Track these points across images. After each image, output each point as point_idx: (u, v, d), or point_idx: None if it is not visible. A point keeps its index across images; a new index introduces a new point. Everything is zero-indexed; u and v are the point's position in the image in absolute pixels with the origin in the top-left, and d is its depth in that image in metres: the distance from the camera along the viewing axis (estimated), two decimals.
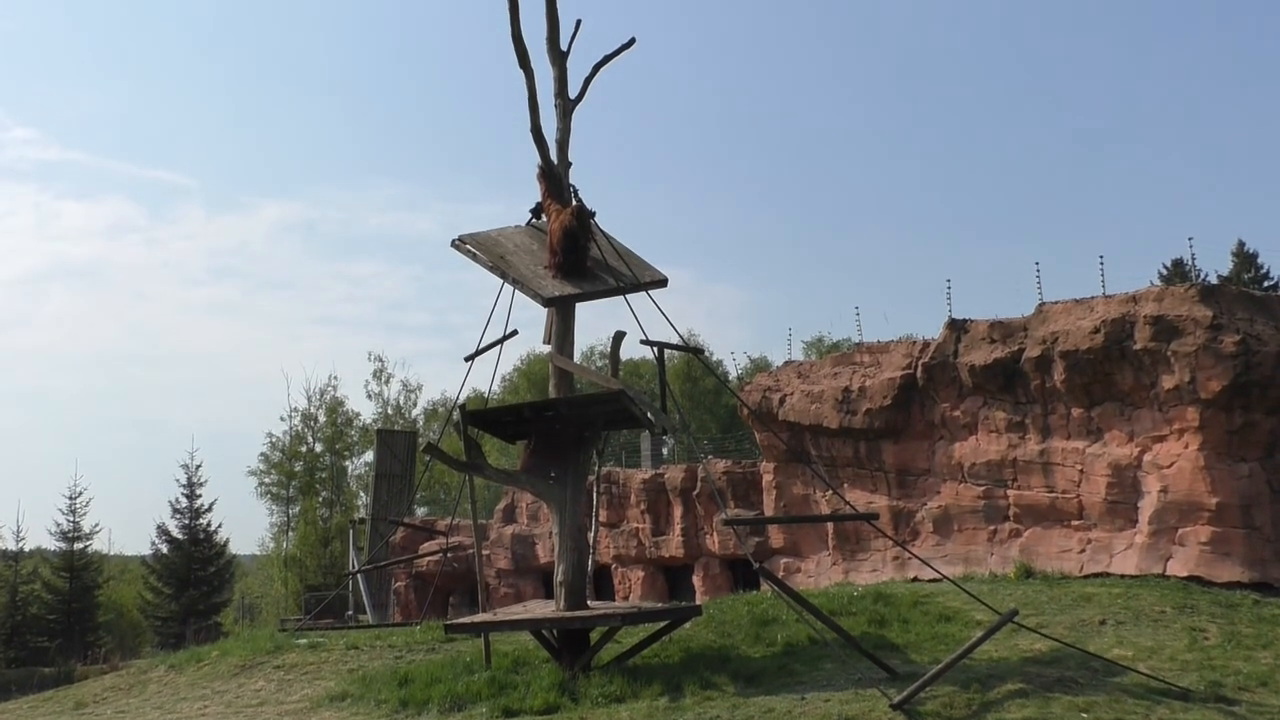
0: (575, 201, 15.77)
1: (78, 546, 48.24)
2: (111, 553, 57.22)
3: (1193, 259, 28.48)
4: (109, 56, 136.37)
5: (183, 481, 49.16)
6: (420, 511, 54.42)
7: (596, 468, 18.09)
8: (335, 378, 76.86)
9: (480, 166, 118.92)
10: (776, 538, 26.21)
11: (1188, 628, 15.18)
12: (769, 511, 25.81)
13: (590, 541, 17.32)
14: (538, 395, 46.87)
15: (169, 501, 49.19)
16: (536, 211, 16.25)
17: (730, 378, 48.19)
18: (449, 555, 32.20)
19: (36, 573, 48.92)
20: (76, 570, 47.47)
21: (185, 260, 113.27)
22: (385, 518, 38.04)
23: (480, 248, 15.79)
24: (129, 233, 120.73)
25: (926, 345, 22.70)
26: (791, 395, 24.95)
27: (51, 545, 49.59)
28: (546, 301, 15.22)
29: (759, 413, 25.43)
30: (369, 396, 63.25)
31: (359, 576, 37.17)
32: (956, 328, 22.10)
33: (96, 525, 51.74)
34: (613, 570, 32.19)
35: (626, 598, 30.78)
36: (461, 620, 15.96)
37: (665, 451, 35.33)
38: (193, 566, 47.93)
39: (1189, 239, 49.23)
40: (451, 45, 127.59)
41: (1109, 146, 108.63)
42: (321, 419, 60.63)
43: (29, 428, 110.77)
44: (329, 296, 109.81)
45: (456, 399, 16.10)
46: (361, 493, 57.97)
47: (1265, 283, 41.44)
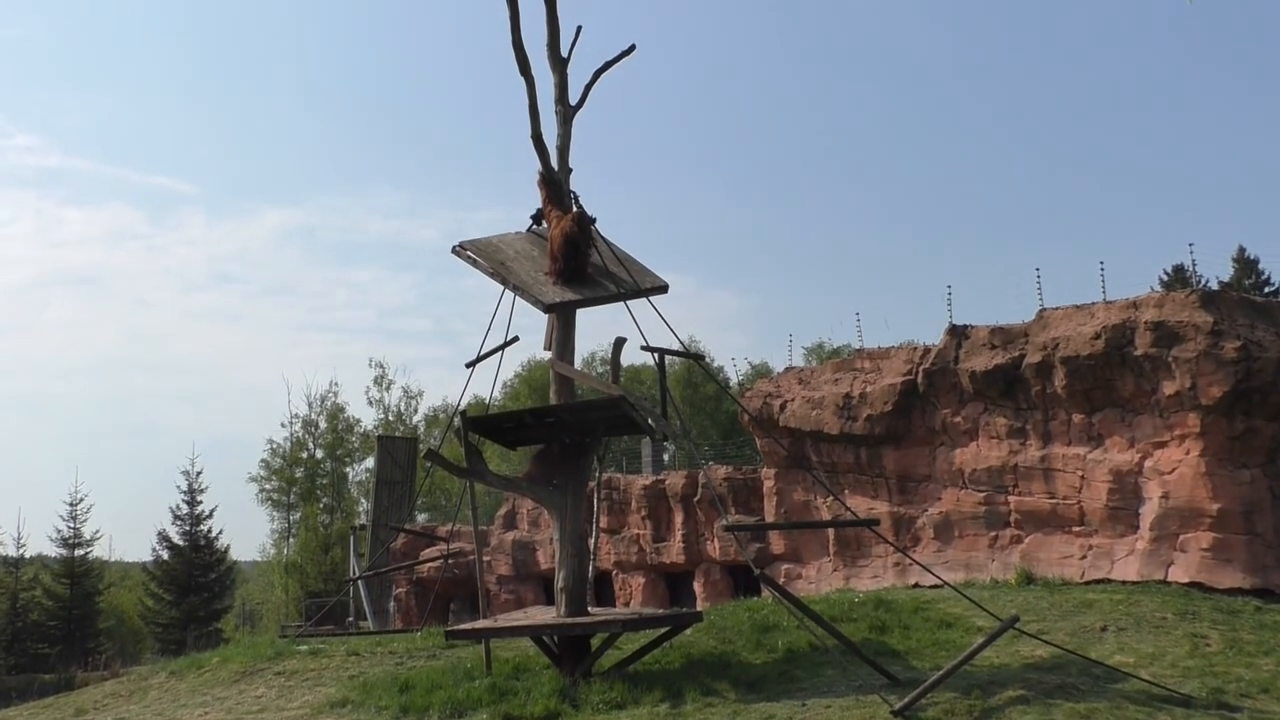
0: (576, 208, 15.80)
1: (78, 553, 48.20)
2: (112, 559, 57.20)
3: (1193, 265, 28.41)
4: (110, 63, 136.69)
5: (183, 488, 49.16)
6: (421, 518, 54.41)
7: (597, 474, 18.08)
8: (336, 384, 76.75)
9: (481, 173, 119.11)
10: (777, 544, 26.21)
11: (1189, 634, 15.17)
12: (770, 518, 25.81)
13: (591, 547, 17.33)
14: (539, 401, 46.85)
15: (170, 508, 49.19)
16: (537, 218, 16.28)
17: (731, 384, 48.19)
18: (450, 561, 32.17)
19: (37, 579, 48.90)
20: (77, 577, 47.44)
21: (186, 266, 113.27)
22: (386, 524, 38.01)
23: (481, 254, 15.81)
24: (130, 239, 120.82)
25: (927, 351, 22.71)
26: (792, 401, 24.97)
27: (52, 552, 49.64)
28: (547, 308, 15.23)
29: (760, 419, 25.44)
30: (370, 403, 63.31)
31: (360, 583, 37.17)
32: (957, 334, 22.12)
33: (97, 531, 51.75)
34: (614, 576, 32.19)
35: (627, 604, 30.78)
36: (462, 626, 15.95)
37: (666, 458, 35.34)
38: (193, 573, 47.90)
39: (1189, 245, 49.28)
40: (452, 52, 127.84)
41: (1110, 152, 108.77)
42: (322, 425, 60.69)
43: (30, 434, 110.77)
44: (330, 303, 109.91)
45: (457, 405, 16.12)
46: (362, 499, 57.97)
47: (1266, 289, 41.42)
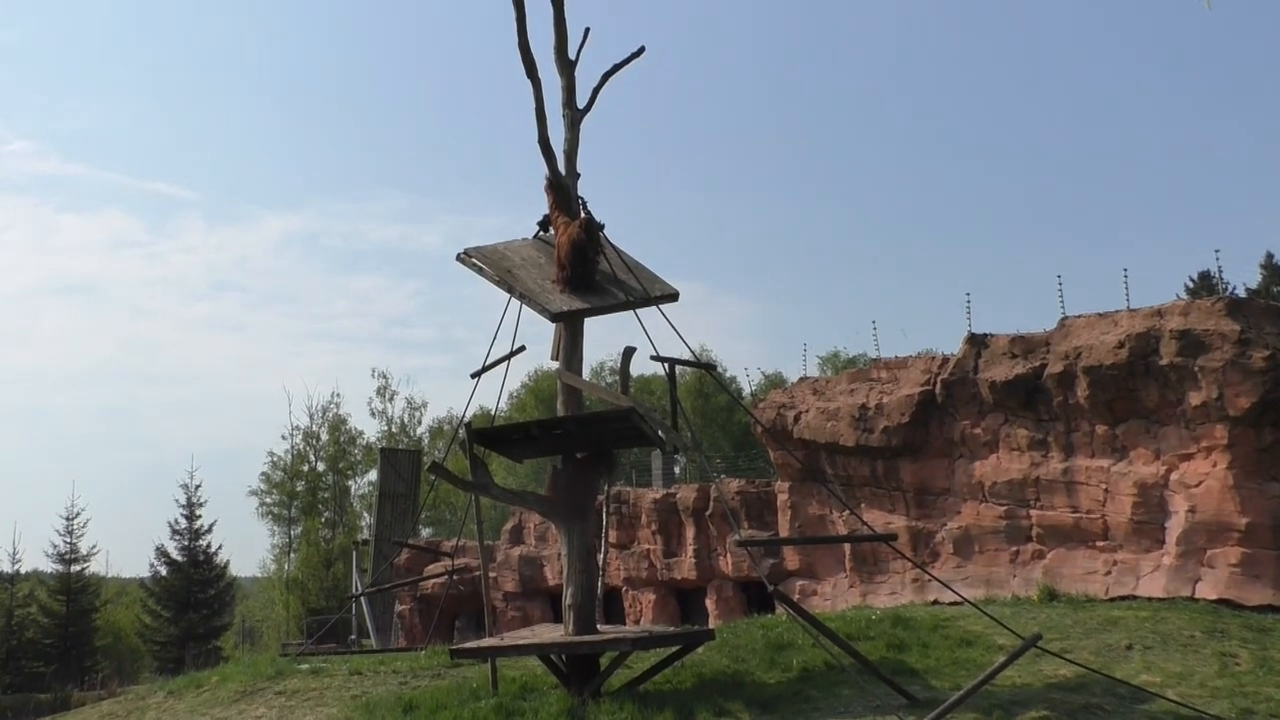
0: (583, 214, 15.81)
1: (75, 569, 48.43)
2: (109, 575, 57.44)
3: (1219, 271, 28.24)
4: (108, 66, 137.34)
5: (182, 502, 49.37)
6: (425, 532, 54.48)
7: (606, 487, 18.06)
8: (338, 395, 76.94)
9: (486, 178, 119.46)
10: (792, 559, 26.14)
11: (1218, 653, 15.08)
12: (784, 532, 25.74)
13: (600, 563, 17.28)
14: (546, 413, 46.87)
15: (168, 522, 49.41)
16: (544, 224, 16.30)
17: (744, 394, 48.10)
18: (454, 578, 32.15)
19: (33, 596, 49.09)
20: (73, 593, 47.60)
21: (185, 275, 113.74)
22: (389, 539, 38.08)
23: (486, 261, 15.83)
24: (128, 246, 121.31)
25: (946, 361, 22.65)
26: (807, 412, 24.92)
27: (48, 568, 49.87)
28: (554, 316, 15.23)
29: (773, 430, 25.39)
30: (372, 414, 63.54)
31: (362, 599, 37.21)
32: (976, 343, 22.06)
33: (94, 547, 52.18)
34: (623, 593, 32.13)
35: (637, 621, 30.73)
36: (467, 645, 15.92)
37: (677, 470, 35.33)
38: (192, 589, 48.01)
39: (1215, 251, 48.87)
40: (457, 54, 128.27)
41: (1133, 156, 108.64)
42: (324, 437, 60.86)
43: (26, 447, 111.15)
44: (332, 311, 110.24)
45: (462, 416, 16.13)
46: (365, 513, 58.10)
47: None
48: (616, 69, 16.37)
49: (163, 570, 48.81)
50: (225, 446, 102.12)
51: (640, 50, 16.42)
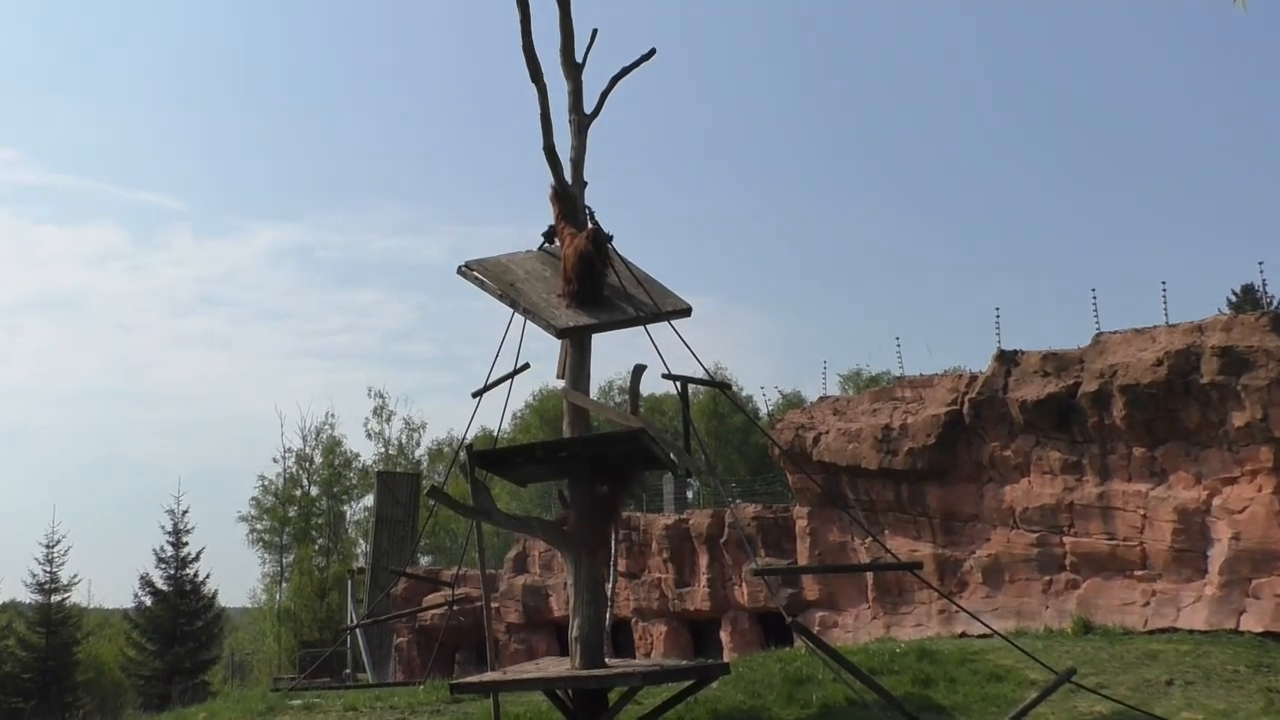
0: (591, 224, 15.83)
1: (55, 599, 48.49)
2: (91, 606, 57.55)
3: (1263, 284, 28.23)
4: (93, 71, 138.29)
5: (168, 528, 49.41)
6: (424, 561, 54.47)
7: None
8: (333, 415, 76.90)
9: (489, 187, 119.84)
10: (811, 589, 26.08)
11: (1264, 688, 15.00)
12: (802, 560, 25.70)
13: (608, 593, 17.27)
14: (551, 434, 46.91)
15: (153, 550, 49.42)
16: (549, 235, 16.32)
17: (760, 414, 48.13)
18: (455, 608, 32.12)
19: (10, 628, 49.15)
20: (53, 625, 47.65)
21: (173, 288, 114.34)
22: (386, 567, 37.99)
23: (489, 274, 15.85)
24: (113, 259, 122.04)
25: (974, 379, 22.64)
26: (827, 434, 24.90)
27: (26, 598, 49.97)
28: (560, 332, 15.24)
29: (791, 452, 25.37)
30: (369, 435, 63.65)
31: (358, 631, 37.13)
32: (1006, 360, 22.04)
33: (75, 576, 51.90)
34: (632, 624, 32.08)
35: (648, 655, 30.66)
36: (469, 679, 15.89)
37: (690, 495, 35.26)
38: (179, 621, 48.02)
39: (1259, 263, 48.62)
40: (459, 58, 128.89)
41: (1172, 165, 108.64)
42: (318, 460, 60.92)
43: (3, 470, 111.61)
44: (327, 327, 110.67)
45: (463, 438, 16.13)
46: (361, 540, 58.07)
47: None
48: (626, 72, 16.40)
49: (147, 601, 48.85)
50: (214, 470, 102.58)
51: (651, 52, 16.46)
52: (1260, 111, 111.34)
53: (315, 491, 60.70)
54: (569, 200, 15.95)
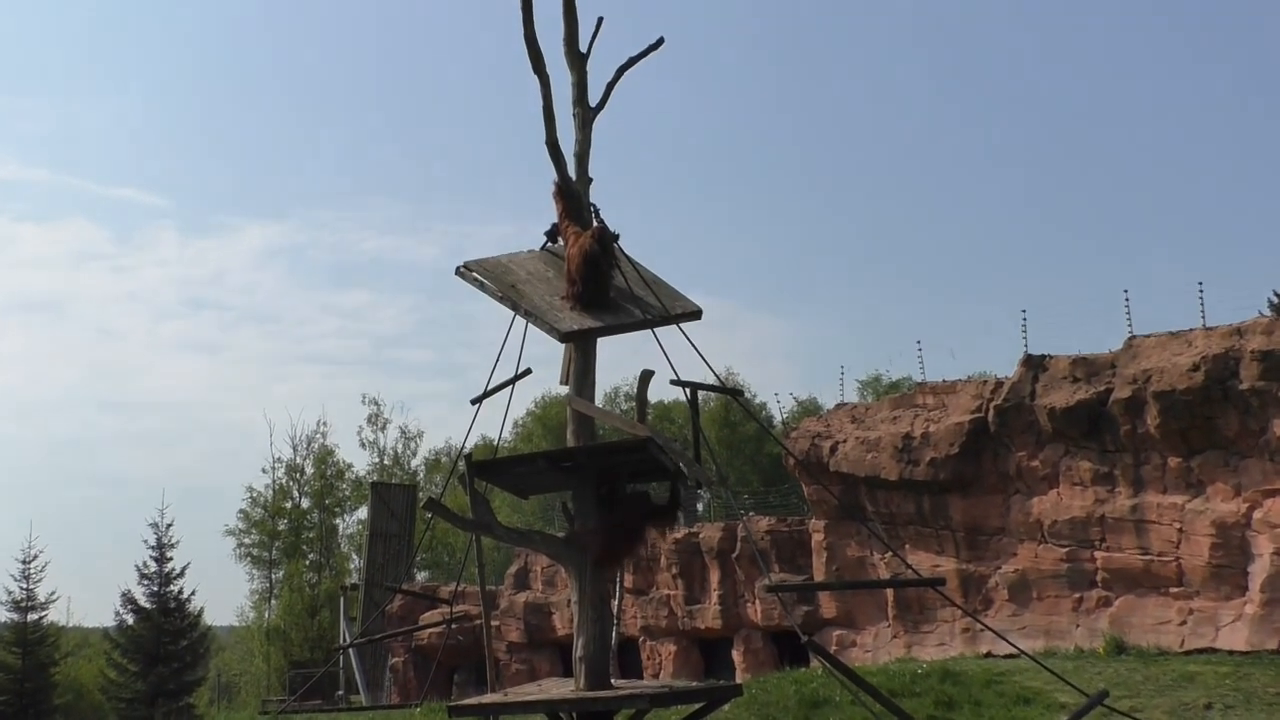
0: (596, 223, 15.85)
1: (32, 618, 48.57)
2: (70, 625, 57.68)
3: None
4: (73, 62, 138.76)
5: (151, 543, 49.43)
6: (420, 576, 54.55)
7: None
8: (324, 424, 76.61)
9: (489, 184, 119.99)
10: (828, 606, 26.08)
11: None
12: (819, 576, 25.71)
13: (614, 611, 17.26)
14: (554, 442, 46.93)
15: (135, 566, 49.44)
16: (552, 234, 16.31)
17: (774, 422, 48.15)
18: (453, 626, 32.18)
19: None
20: (30, 645, 47.71)
21: (156, 291, 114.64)
22: (381, 583, 38.09)
23: (488, 275, 15.86)
24: (93, 260, 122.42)
25: (999, 385, 22.65)
26: (844, 442, 24.90)
27: (2, 616, 49.99)
28: (564, 336, 15.24)
29: (807, 463, 25.38)
30: (363, 445, 63.75)
31: (351, 651, 37.20)
32: (1034, 365, 22.04)
33: (53, 593, 51.85)
34: (640, 644, 32.10)
35: (656, 675, 30.67)
36: (468, 701, 15.88)
37: (700, 507, 35.31)
38: (162, 640, 48.06)
39: None
40: (457, 49, 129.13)
41: (1209, 161, 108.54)
42: (309, 470, 60.97)
43: None
44: (318, 331, 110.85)
45: (461, 447, 16.12)
46: (354, 555, 58.22)
47: None
48: (633, 63, 16.37)
49: (129, 619, 48.90)
50: (199, 481, 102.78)
51: (659, 42, 16.45)
52: None
53: (306, 504, 60.76)
54: (573, 197, 15.96)
